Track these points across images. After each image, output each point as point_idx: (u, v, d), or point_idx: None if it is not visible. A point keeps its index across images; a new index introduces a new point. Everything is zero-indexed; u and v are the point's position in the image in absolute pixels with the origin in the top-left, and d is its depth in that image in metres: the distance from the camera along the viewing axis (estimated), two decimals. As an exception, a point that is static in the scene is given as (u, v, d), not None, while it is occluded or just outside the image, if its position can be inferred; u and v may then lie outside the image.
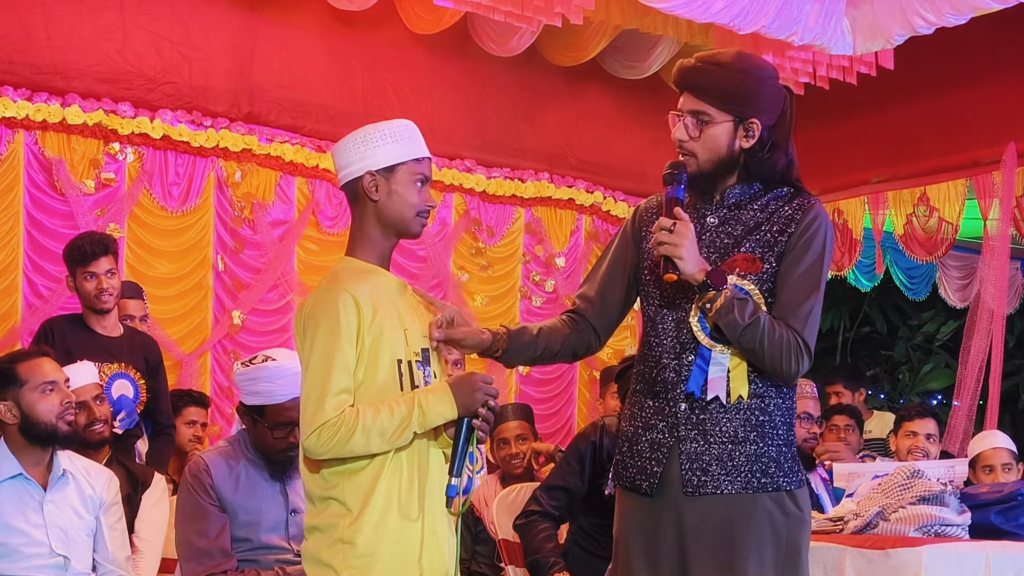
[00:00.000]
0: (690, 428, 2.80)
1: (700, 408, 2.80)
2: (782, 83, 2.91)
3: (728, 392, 2.78)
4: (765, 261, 2.81)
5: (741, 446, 2.78)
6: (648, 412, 2.87)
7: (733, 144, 2.83)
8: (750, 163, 2.85)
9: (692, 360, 2.80)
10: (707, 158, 2.84)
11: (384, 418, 2.57)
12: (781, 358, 2.75)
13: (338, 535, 2.61)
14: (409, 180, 2.71)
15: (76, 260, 4.80)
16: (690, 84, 2.86)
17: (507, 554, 4.49)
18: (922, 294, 8.32)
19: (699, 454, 2.79)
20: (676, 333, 2.83)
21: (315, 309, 2.65)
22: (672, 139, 2.88)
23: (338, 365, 2.58)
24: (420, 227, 2.76)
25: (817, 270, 2.81)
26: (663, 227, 2.75)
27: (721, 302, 2.72)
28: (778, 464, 2.81)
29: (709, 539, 2.78)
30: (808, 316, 2.79)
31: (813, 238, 2.81)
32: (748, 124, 2.82)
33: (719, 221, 2.87)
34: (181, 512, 3.66)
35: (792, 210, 2.84)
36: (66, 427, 3.68)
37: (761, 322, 2.73)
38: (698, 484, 2.78)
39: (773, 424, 2.82)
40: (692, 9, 5.70)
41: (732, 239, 2.84)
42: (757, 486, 2.78)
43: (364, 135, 2.74)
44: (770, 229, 2.83)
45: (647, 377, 2.89)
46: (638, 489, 2.86)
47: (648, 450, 2.85)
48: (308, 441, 2.57)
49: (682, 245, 2.72)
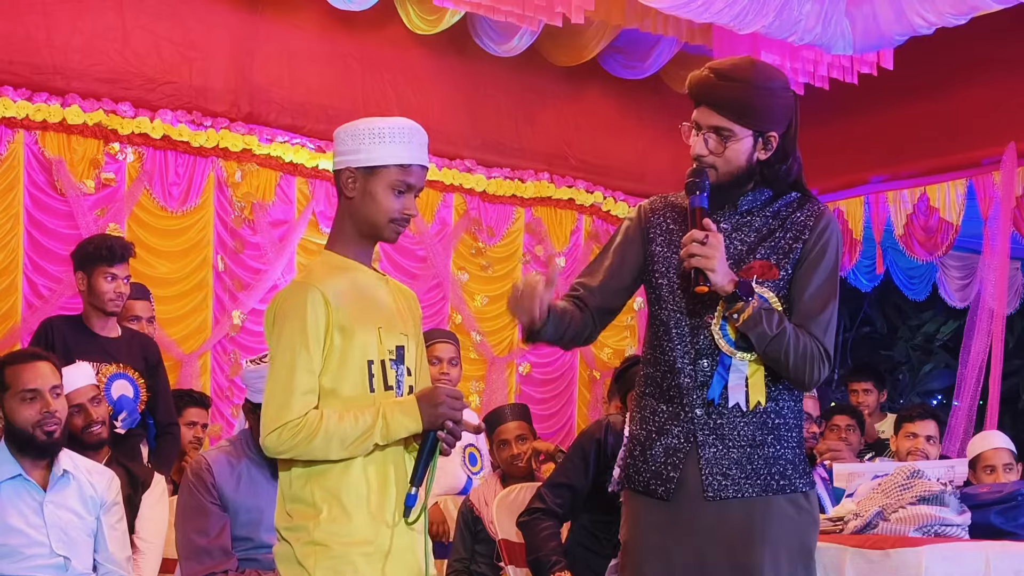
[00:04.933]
0: (708, 433, 2.80)
1: (717, 413, 2.80)
2: (791, 90, 2.91)
3: (747, 398, 2.80)
4: (781, 268, 2.82)
5: (759, 449, 2.79)
6: (662, 417, 2.86)
7: (752, 157, 2.83)
8: (766, 173, 2.86)
9: (708, 366, 2.81)
10: (727, 171, 2.83)
11: (347, 425, 2.55)
12: (806, 368, 2.77)
13: (309, 536, 2.60)
14: (387, 185, 2.65)
15: (101, 258, 4.75)
16: (710, 100, 2.82)
17: (507, 554, 4.49)
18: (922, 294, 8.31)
19: (718, 459, 2.79)
20: (692, 339, 2.83)
21: (284, 305, 2.62)
22: (691, 154, 2.85)
23: (303, 365, 2.56)
24: (393, 234, 2.70)
25: (833, 277, 2.84)
26: (696, 239, 2.73)
27: (749, 312, 2.73)
28: (794, 466, 2.83)
29: (726, 542, 2.78)
30: (828, 324, 2.82)
31: (827, 245, 2.83)
32: (767, 137, 2.82)
33: (732, 228, 2.87)
34: (182, 511, 3.65)
35: (805, 217, 2.86)
36: (43, 436, 3.66)
37: (787, 333, 2.74)
38: (719, 488, 2.79)
39: (788, 427, 2.84)
40: (692, 9, 5.70)
41: (746, 246, 2.85)
42: (776, 488, 2.80)
43: (355, 129, 2.68)
44: (784, 236, 2.84)
45: (658, 381, 2.89)
46: (653, 494, 2.85)
47: (663, 455, 2.84)
48: (268, 439, 2.56)
49: (715, 257, 2.71)
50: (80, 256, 4.86)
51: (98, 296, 4.78)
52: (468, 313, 7.39)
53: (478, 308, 7.45)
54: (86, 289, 4.81)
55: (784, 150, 2.85)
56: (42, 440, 3.67)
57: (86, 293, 4.83)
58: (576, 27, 6.62)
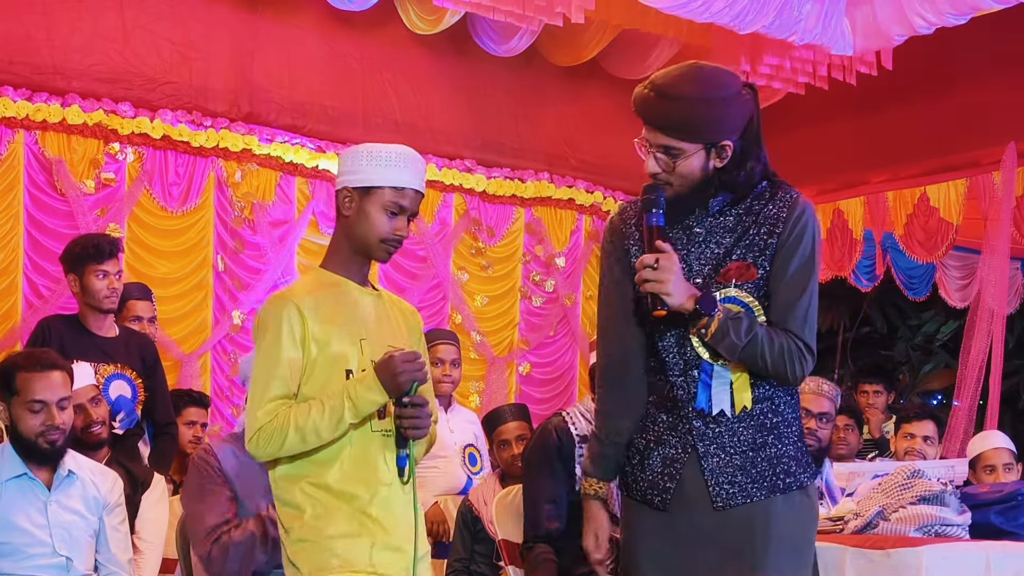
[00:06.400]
0: (708, 443, 2.77)
1: (714, 422, 2.78)
2: (743, 85, 2.79)
3: (732, 403, 2.77)
4: (759, 267, 2.77)
5: (761, 451, 2.77)
6: (661, 427, 2.85)
7: (707, 166, 2.76)
8: (724, 179, 2.79)
9: (699, 375, 2.78)
10: (683, 184, 2.77)
11: (315, 415, 2.67)
12: (784, 366, 2.73)
13: (296, 536, 2.73)
14: (381, 206, 2.76)
15: (90, 257, 4.75)
16: (652, 120, 2.75)
17: (507, 554, 4.48)
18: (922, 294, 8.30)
19: (723, 467, 2.77)
20: (679, 350, 2.80)
21: (263, 319, 2.77)
22: (645, 171, 2.80)
23: (277, 374, 2.71)
24: (384, 254, 2.82)
25: (808, 267, 2.78)
26: (646, 264, 2.69)
27: (715, 327, 2.68)
28: (797, 461, 2.80)
29: (728, 545, 2.76)
30: (805, 315, 2.77)
31: (802, 235, 2.77)
32: (720, 147, 2.74)
33: (706, 231, 2.81)
34: (188, 494, 3.63)
35: (777, 209, 2.79)
36: (46, 445, 3.69)
37: (759, 337, 2.70)
38: (728, 497, 2.76)
39: (787, 422, 2.82)
40: (692, 9, 5.70)
41: (723, 248, 2.80)
42: (783, 487, 2.77)
43: (356, 151, 2.81)
44: (758, 232, 2.78)
45: (660, 391, 2.86)
46: (650, 504, 2.84)
47: (660, 465, 2.82)
48: (249, 446, 2.72)
49: (668, 281, 2.66)
50: (69, 259, 4.84)
51: (92, 295, 4.78)
52: (468, 313, 7.39)
53: (478, 308, 7.46)
54: (79, 290, 4.81)
55: (743, 154, 2.77)
56: (44, 448, 3.70)
57: (80, 294, 4.82)
58: (576, 27, 6.61)
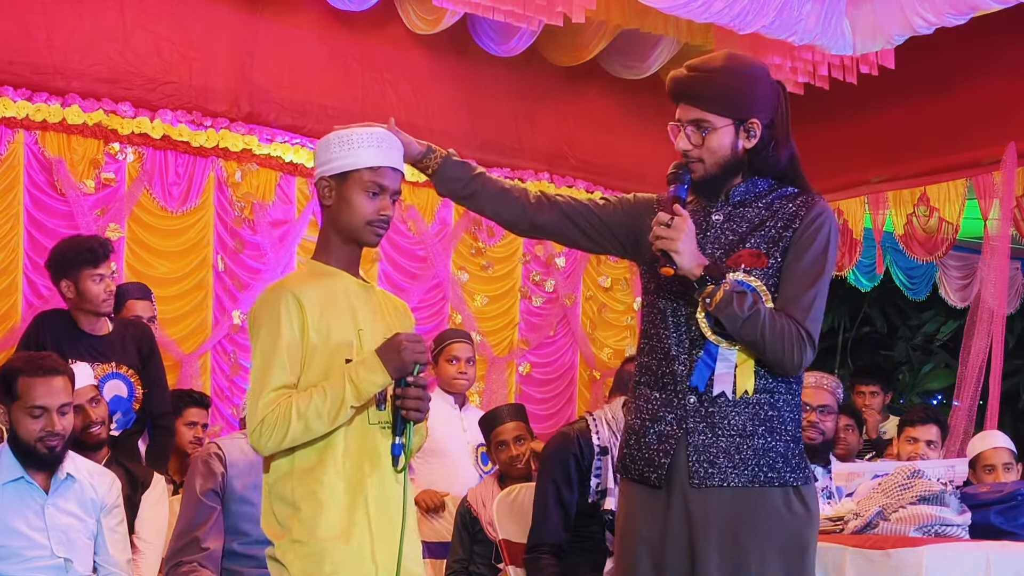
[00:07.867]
0: (698, 420, 2.82)
1: (709, 401, 2.82)
2: (774, 79, 2.94)
3: (734, 387, 2.81)
4: (770, 256, 2.84)
5: (749, 440, 2.80)
6: (655, 404, 2.89)
7: (737, 146, 2.87)
8: (755, 162, 2.90)
9: (700, 355, 2.83)
10: (713, 162, 2.88)
11: (317, 401, 2.60)
12: (783, 348, 2.76)
13: (290, 535, 2.67)
14: (360, 189, 2.71)
15: (85, 261, 4.68)
16: (685, 94, 2.90)
17: (508, 554, 4.49)
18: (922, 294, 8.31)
19: (707, 446, 2.81)
20: (687, 327, 2.86)
21: (258, 311, 2.71)
22: (676, 150, 2.91)
23: (277, 364, 2.64)
24: (373, 236, 2.76)
25: (820, 263, 2.83)
26: (660, 221, 2.79)
27: (720, 296, 2.75)
28: (785, 459, 2.82)
29: (715, 533, 2.79)
30: (810, 306, 2.81)
31: (817, 233, 2.84)
32: (748, 124, 2.86)
33: (724, 218, 2.91)
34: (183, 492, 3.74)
35: (796, 207, 2.88)
36: (45, 450, 3.68)
37: (761, 314, 2.75)
38: (705, 476, 2.80)
39: (782, 419, 2.84)
40: (692, 9, 5.70)
41: (737, 235, 2.88)
42: (764, 480, 2.80)
43: (326, 140, 2.76)
44: (774, 225, 2.86)
45: (653, 369, 2.91)
46: (647, 481, 2.88)
47: (656, 442, 2.86)
48: (251, 439, 2.66)
49: (678, 239, 2.75)
50: (60, 264, 4.76)
51: (90, 300, 4.71)
52: (468, 313, 7.38)
53: (478, 308, 7.45)
54: (75, 295, 4.72)
55: (772, 138, 2.88)
56: (43, 453, 3.69)
57: (75, 299, 4.73)
58: (576, 27, 6.62)
